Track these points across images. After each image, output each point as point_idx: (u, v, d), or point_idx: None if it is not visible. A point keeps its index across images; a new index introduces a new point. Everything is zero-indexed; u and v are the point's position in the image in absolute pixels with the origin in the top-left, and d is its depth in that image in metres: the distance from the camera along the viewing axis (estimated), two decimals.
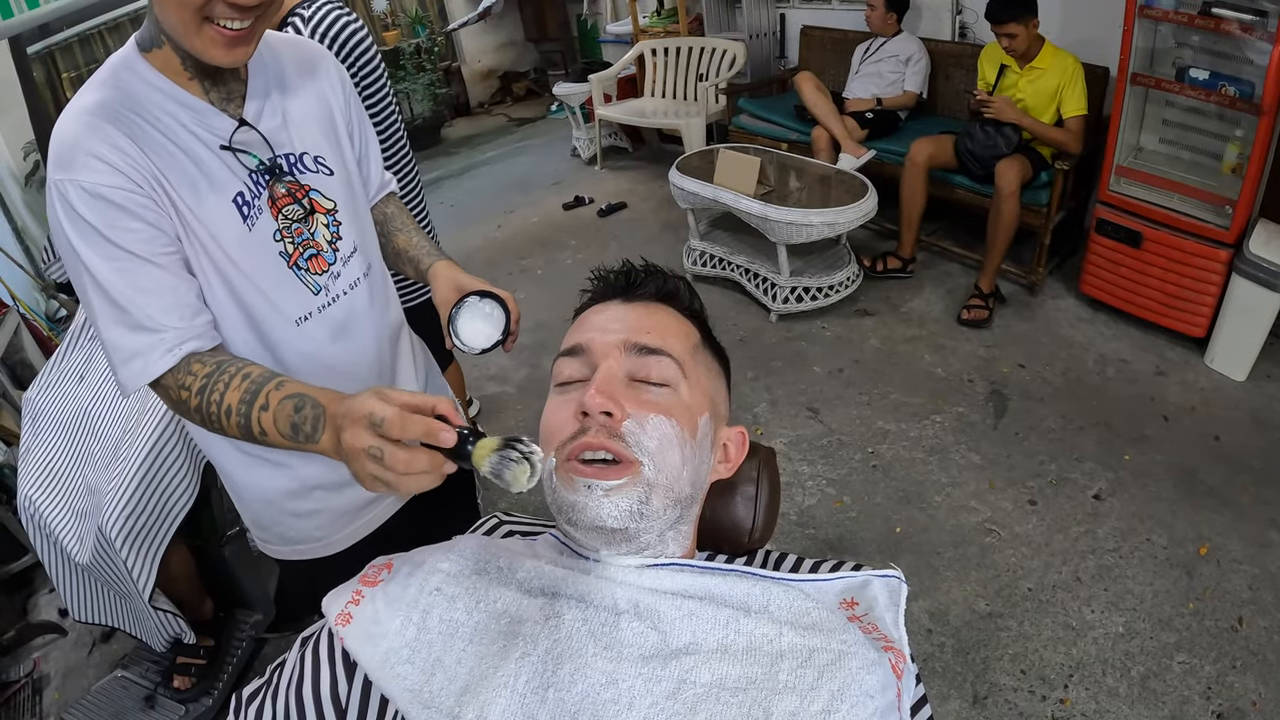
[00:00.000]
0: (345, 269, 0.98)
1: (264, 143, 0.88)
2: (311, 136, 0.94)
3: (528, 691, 0.56)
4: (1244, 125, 2.30)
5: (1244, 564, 1.83)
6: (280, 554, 1.12)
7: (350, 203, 0.99)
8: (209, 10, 0.72)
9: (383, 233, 1.11)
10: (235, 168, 0.86)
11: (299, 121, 0.93)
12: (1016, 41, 2.68)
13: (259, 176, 0.88)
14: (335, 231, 0.96)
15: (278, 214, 0.90)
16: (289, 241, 0.91)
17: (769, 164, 3.05)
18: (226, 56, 0.76)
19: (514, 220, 4.29)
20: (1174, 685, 1.58)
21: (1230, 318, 2.39)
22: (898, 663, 0.60)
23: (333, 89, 0.99)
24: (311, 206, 0.93)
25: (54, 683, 1.94)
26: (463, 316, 0.94)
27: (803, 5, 4.24)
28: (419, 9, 6.34)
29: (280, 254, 0.91)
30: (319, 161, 0.95)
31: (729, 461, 0.75)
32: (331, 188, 0.96)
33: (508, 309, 0.95)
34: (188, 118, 0.82)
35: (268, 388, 0.75)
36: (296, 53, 0.97)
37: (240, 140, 0.86)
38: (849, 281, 2.99)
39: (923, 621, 1.76)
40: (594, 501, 0.62)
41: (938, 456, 2.25)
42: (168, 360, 0.79)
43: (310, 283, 0.94)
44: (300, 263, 0.93)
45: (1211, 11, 2.20)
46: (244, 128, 0.86)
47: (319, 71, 0.98)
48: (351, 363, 1.02)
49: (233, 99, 0.86)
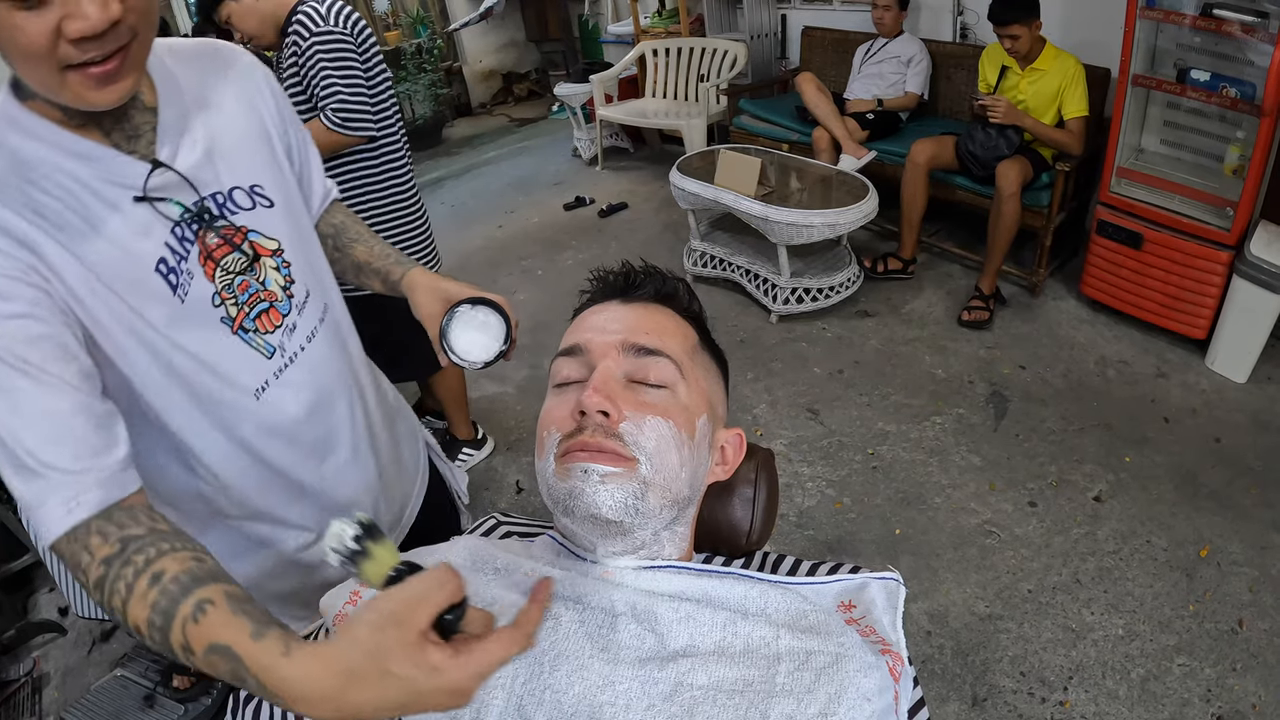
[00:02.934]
0: (302, 318, 0.85)
1: (186, 184, 0.74)
2: (243, 164, 0.80)
3: (525, 692, 0.56)
4: (1245, 127, 2.30)
5: (1244, 566, 1.83)
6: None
7: (297, 235, 0.86)
8: (61, 57, 0.59)
9: (336, 246, 0.99)
10: (155, 224, 0.72)
11: (227, 149, 0.79)
12: (1019, 43, 2.68)
13: (185, 228, 0.74)
14: (287, 275, 0.83)
15: (215, 271, 0.76)
16: (231, 304, 0.78)
17: (770, 165, 3.05)
18: (103, 96, 0.63)
19: (515, 220, 4.29)
20: (1174, 687, 1.58)
21: (1231, 319, 2.39)
22: (895, 665, 0.60)
23: (263, 97, 0.85)
24: (255, 251, 0.80)
25: (54, 681, 1.94)
26: (455, 328, 0.85)
27: (804, 6, 4.24)
28: (420, 9, 6.34)
29: (223, 320, 0.78)
30: (255, 193, 0.81)
31: (726, 464, 0.75)
32: (273, 223, 0.82)
33: (505, 315, 0.86)
34: (89, 173, 0.68)
35: (181, 615, 0.56)
36: (215, 63, 0.81)
37: (157, 186, 0.71)
38: (849, 282, 2.99)
39: (922, 623, 1.76)
40: (590, 488, 0.61)
41: (938, 458, 2.25)
42: (64, 520, 0.62)
43: (262, 345, 0.81)
44: (247, 324, 0.80)
45: (1213, 13, 2.19)
46: (159, 170, 0.72)
47: (244, 80, 0.83)
48: (324, 431, 0.90)
49: (141, 135, 0.72)
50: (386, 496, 1.04)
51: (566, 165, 5.10)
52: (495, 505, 2.28)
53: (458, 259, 3.79)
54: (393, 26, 6.21)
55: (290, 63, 1.71)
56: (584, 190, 4.46)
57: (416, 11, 6.31)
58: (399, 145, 1.86)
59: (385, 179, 1.85)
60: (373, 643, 0.47)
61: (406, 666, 0.47)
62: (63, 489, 0.62)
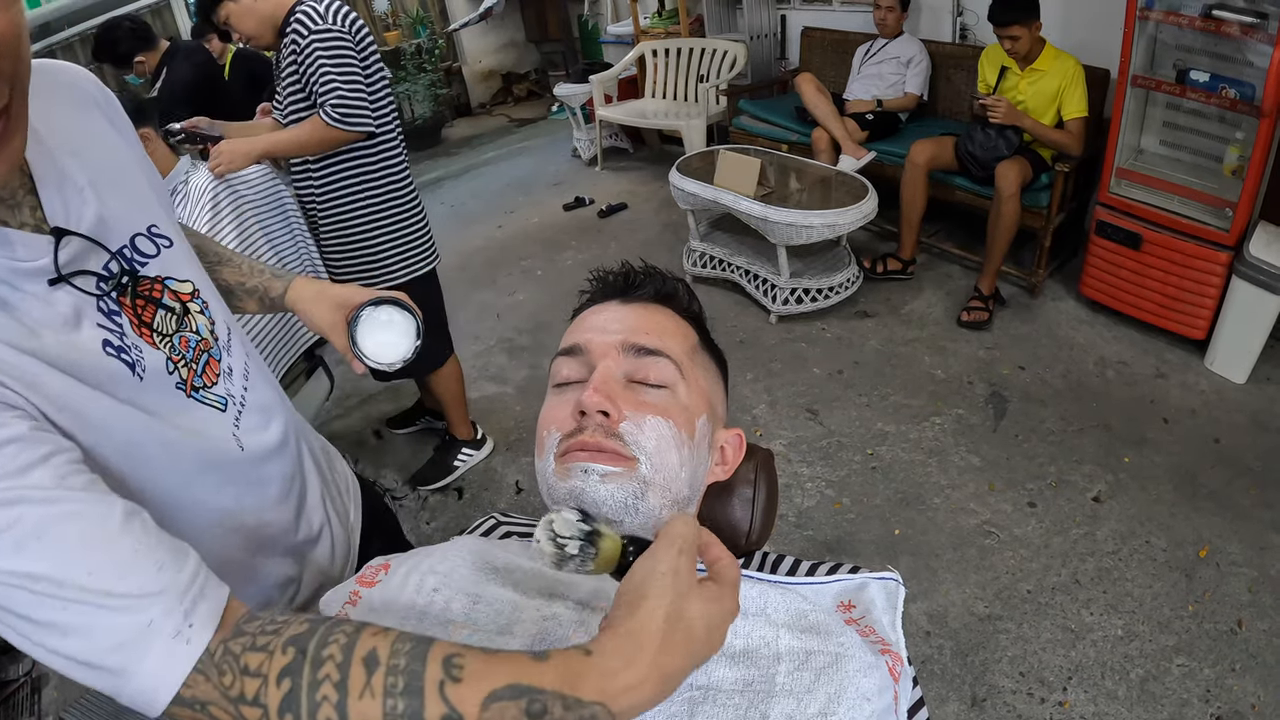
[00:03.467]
0: (232, 358, 0.77)
1: (94, 245, 0.62)
2: (131, 203, 0.69)
3: None
4: (1244, 127, 2.30)
5: (1244, 566, 1.83)
6: None
7: (198, 270, 0.76)
8: None
9: None
10: (80, 305, 0.60)
11: (110, 189, 0.66)
12: (1019, 44, 2.68)
13: (108, 301, 0.63)
14: (209, 316, 0.74)
15: (153, 338, 0.67)
16: (182, 366, 0.69)
17: (769, 165, 3.05)
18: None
19: (515, 220, 4.29)
20: (1173, 688, 1.58)
21: (1230, 320, 2.39)
22: (895, 665, 0.60)
23: (110, 114, 0.71)
24: (181, 301, 0.71)
25: (53, 681, 1.94)
26: (362, 332, 0.82)
27: (804, 6, 4.24)
28: (420, 9, 6.34)
29: (177, 386, 0.69)
30: (154, 234, 0.70)
31: (726, 464, 0.75)
32: (178, 264, 0.72)
33: (410, 309, 0.83)
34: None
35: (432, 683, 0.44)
36: (53, 87, 0.66)
37: (67, 260, 0.59)
38: (849, 283, 2.99)
39: (921, 624, 1.76)
40: (590, 487, 0.61)
41: (937, 458, 2.25)
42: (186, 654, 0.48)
43: (215, 400, 0.73)
44: (196, 382, 0.71)
45: (1212, 14, 2.20)
46: (64, 239, 0.59)
47: (91, 103, 0.70)
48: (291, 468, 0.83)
49: (21, 203, 0.58)
50: (340, 514, 0.96)
51: (566, 165, 5.11)
52: (495, 505, 2.28)
53: (458, 259, 3.80)
54: (392, 27, 6.21)
55: (290, 61, 1.72)
56: (584, 190, 4.46)
57: (416, 12, 6.31)
58: (396, 143, 1.88)
59: (384, 177, 1.87)
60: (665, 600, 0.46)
61: (699, 605, 0.47)
62: (168, 608, 0.48)
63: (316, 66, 1.67)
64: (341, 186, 1.85)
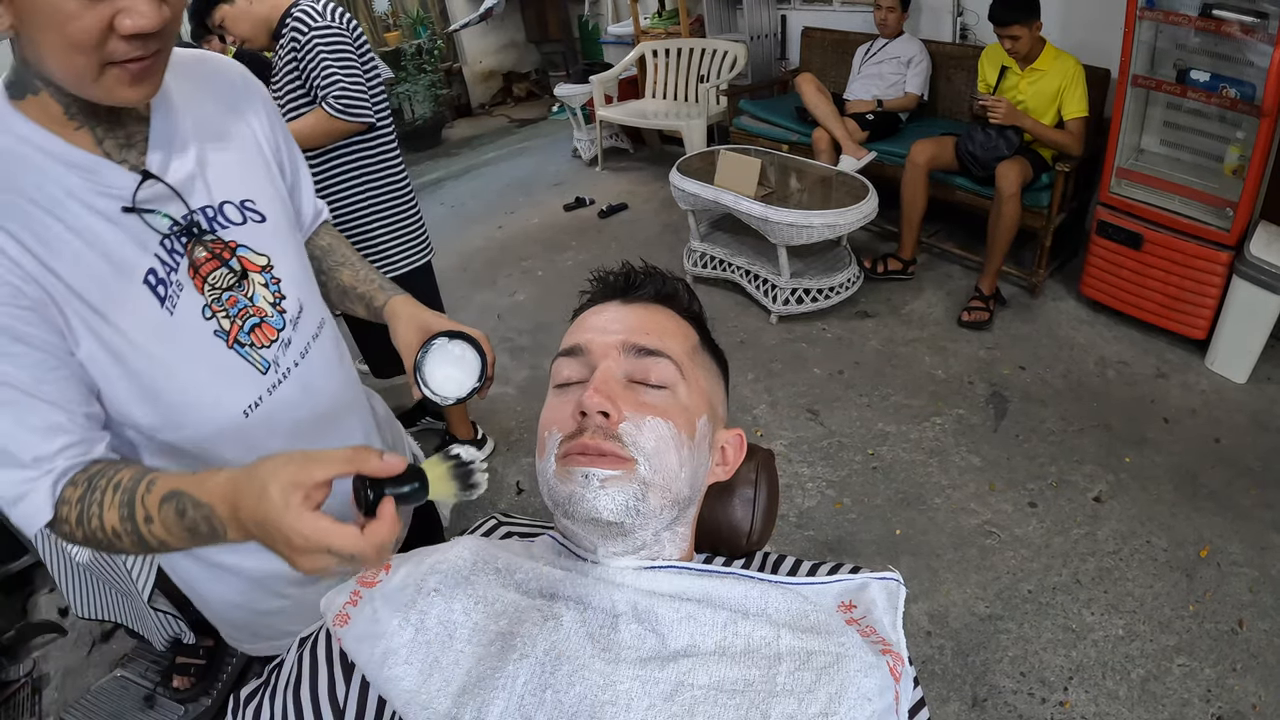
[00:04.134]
0: (296, 333, 0.85)
1: (175, 197, 0.74)
2: (235, 178, 0.80)
3: (525, 693, 0.56)
4: (1245, 127, 2.30)
5: (1244, 566, 1.83)
6: (256, 651, 1.03)
7: (287, 251, 0.85)
8: (108, 53, 0.60)
9: (322, 269, 0.99)
10: (144, 235, 0.72)
11: (218, 162, 0.78)
12: (1019, 43, 2.68)
13: (174, 241, 0.74)
14: (277, 291, 0.83)
15: (203, 285, 0.76)
16: (223, 317, 0.77)
17: (770, 165, 3.05)
18: (134, 94, 0.64)
19: (515, 221, 4.29)
20: (1174, 688, 1.58)
21: (1231, 320, 2.39)
22: (896, 665, 0.60)
23: (256, 111, 0.85)
24: (243, 267, 0.79)
25: (54, 682, 1.94)
26: (431, 362, 0.83)
27: (804, 7, 4.24)
28: (420, 10, 6.34)
29: (216, 333, 0.77)
30: (246, 207, 0.81)
31: (726, 464, 0.75)
32: (263, 238, 0.82)
33: (482, 351, 0.84)
34: (78, 182, 0.67)
35: (139, 493, 0.65)
36: (209, 76, 0.81)
37: (146, 198, 0.71)
38: (849, 283, 2.99)
39: (922, 624, 1.76)
40: (590, 492, 0.61)
41: (938, 458, 2.25)
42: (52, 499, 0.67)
43: (257, 360, 0.80)
44: (241, 338, 0.79)
45: (1212, 13, 2.20)
46: (149, 181, 0.71)
47: (238, 95, 0.83)
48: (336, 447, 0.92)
49: (132, 145, 0.71)
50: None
51: (566, 166, 5.11)
52: (495, 506, 2.28)
53: (458, 260, 3.80)
54: (393, 27, 6.22)
55: (289, 58, 1.75)
56: (584, 191, 4.46)
57: (416, 12, 6.31)
58: (391, 137, 1.95)
59: (381, 169, 1.92)
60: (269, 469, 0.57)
61: (276, 494, 0.55)
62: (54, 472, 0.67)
63: (318, 61, 1.71)
64: (340, 180, 1.88)
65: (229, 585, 0.92)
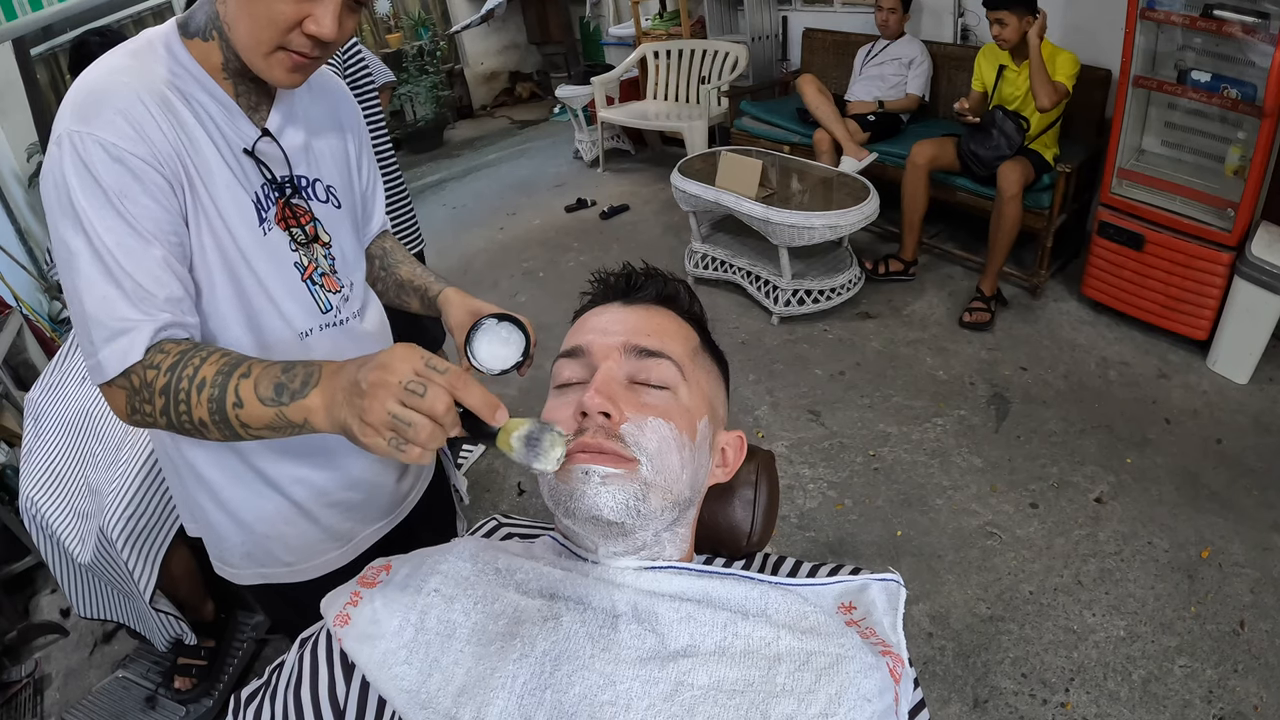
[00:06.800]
0: (346, 303, 0.96)
1: (283, 158, 0.86)
2: (327, 166, 0.93)
3: (525, 693, 0.56)
4: (1246, 128, 2.30)
5: (1246, 567, 1.83)
6: (241, 578, 1.02)
7: (348, 241, 0.97)
8: (287, 40, 0.72)
9: (383, 266, 1.10)
10: (253, 175, 0.83)
11: (318, 149, 0.92)
12: (1007, 30, 2.65)
13: (271, 191, 0.85)
14: (331, 265, 0.93)
15: (286, 231, 0.88)
16: (304, 254, 0.89)
17: (771, 167, 3.05)
18: (288, 80, 0.77)
19: (516, 222, 4.30)
20: (1175, 689, 1.58)
21: (1232, 320, 2.39)
22: (895, 667, 0.60)
23: (350, 122, 0.98)
24: (314, 235, 0.91)
25: (55, 683, 1.94)
26: (480, 339, 0.91)
27: (805, 8, 4.24)
28: (422, 11, 6.35)
29: (296, 264, 0.88)
30: (330, 192, 0.93)
31: (727, 465, 0.75)
32: (333, 222, 0.93)
33: (526, 333, 0.93)
34: (217, 112, 0.80)
35: (250, 361, 0.71)
36: (323, 84, 0.96)
37: (261, 150, 0.83)
38: (851, 284, 2.99)
39: (923, 625, 1.76)
40: (591, 490, 0.62)
41: (939, 459, 2.25)
42: (148, 341, 0.72)
43: (322, 300, 0.91)
44: (315, 278, 0.91)
45: (1213, 14, 2.20)
46: (266, 138, 0.84)
47: (339, 102, 0.98)
48: None
49: (259, 108, 0.84)
50: (399, 474, 1.09)
51: (568, 167, 5.11)
52: (496, 507, 2.29)
53: (459, 261, 3.80)
54: (394, 29, 6.23)
55: None
56: (585, 192, 4.47)
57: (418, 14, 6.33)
58: (385, 131, 2.04)
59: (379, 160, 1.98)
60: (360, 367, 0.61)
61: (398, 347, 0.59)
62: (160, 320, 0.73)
63: None
64: None
65: (271, 503, 0.96)
